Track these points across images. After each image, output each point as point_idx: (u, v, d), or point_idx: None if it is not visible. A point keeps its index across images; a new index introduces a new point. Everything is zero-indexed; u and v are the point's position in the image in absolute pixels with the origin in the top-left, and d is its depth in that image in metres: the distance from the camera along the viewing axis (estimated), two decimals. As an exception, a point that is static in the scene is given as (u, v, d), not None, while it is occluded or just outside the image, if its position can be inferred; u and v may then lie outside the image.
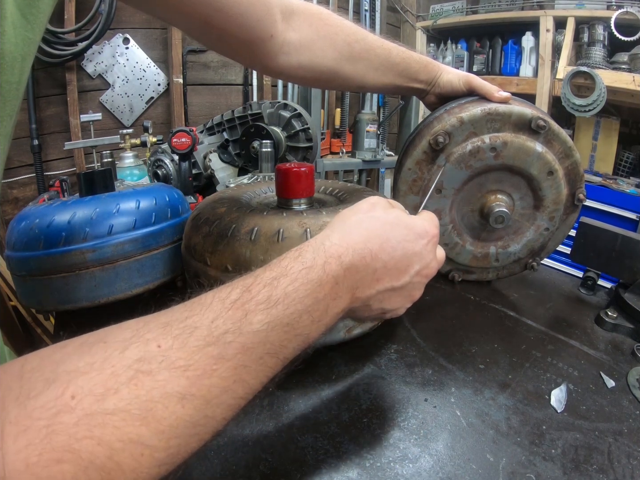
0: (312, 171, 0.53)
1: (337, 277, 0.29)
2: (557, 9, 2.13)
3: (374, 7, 2.26)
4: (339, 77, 0.58)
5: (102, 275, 0.54)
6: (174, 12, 0.43)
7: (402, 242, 0.33)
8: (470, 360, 0.52)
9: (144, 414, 0.21)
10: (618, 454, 0.39)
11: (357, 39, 0.56)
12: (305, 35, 0.53)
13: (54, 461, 0.19)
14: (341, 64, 0.56)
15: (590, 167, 2.14)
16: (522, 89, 2.26)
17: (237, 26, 0.45)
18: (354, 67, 0.57)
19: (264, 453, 0.38)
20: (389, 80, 0.60)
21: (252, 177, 0.94)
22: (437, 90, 0.64)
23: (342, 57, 0.56)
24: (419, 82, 0.63)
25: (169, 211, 0.61)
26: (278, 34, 0.50)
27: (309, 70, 0.55)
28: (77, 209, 0.54)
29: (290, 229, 0.45)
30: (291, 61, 0.53)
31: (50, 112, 1.66)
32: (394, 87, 0.62)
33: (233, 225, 0.47)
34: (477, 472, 0.36)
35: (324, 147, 2.22)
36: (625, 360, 0.53)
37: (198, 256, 0.49)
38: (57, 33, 1.53)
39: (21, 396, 0.20)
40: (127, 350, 0.22)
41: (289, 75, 0.56)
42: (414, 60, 0.61)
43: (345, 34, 0.56)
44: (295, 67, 0.54)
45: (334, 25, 0.55)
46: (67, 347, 0.23)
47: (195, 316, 0.25)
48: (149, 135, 1.42)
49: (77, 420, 0.20)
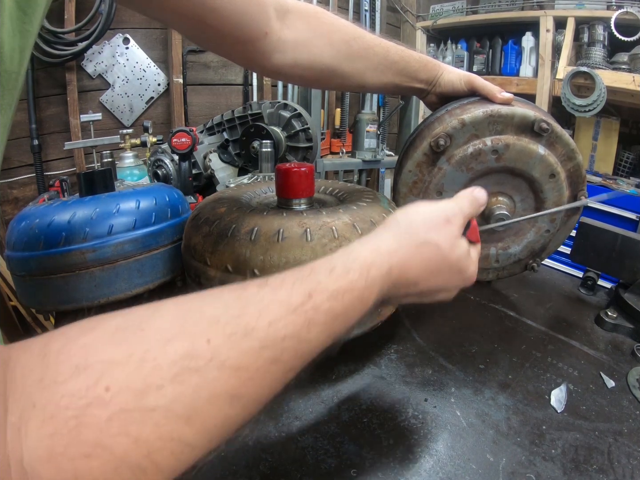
0: (312, 171, 0.53)
1: (384, 296, 0.32)
2: (557, 9, 2.13)
3: (374, 7, 2.26)
4: (338, 76, 0.57)
5: (102, 275, 0.54)
6: (169, 13, 0.43)
7: (446, 281, 0.36)
8: (470, 360, 0.52)
9: (189, 413, 0.20)
10: (618, 454, 0.39)
11: (355, 37, 0.56)
12: (301, 33, 0.52)
13: (82, 455, 0.18)
14: (339, 63, 0.55)
15: (590, 167, 2.14)
16: (522, 89, 2.25)
17: (232, 25, 0.45)
18: (352, 66, 0.56)
19: (264, 453, 0.38)
20: (389, 79, 0.59)
21: (252, 177, 0.94)
22: (438, 90, 0.63)
23: (339, 55, 0.55)
24: (419, 82, 0.62)
25: (169, 211, 0.61)
26: (273, 32, 0.49)
27: (306, 68, 0.54)
28: (77, 209, 0.54)
29: (290, 229, 0.45)
30: (287, 59, 0.52)
31: (50, 112, 1.66)
32: (393, 86, 0.61)
33: (233, 225, 0.47)
34: (477, 472, 0.36)
35: (324, 147, 2.22)
36: (625, 360, 0.53)
37: (198, 256, 0.49)
38: (57, 33, 1.52)
39: (46, 379, 0.19)
40: (170, 343, 0.21)
41: (287, 74, 0.55)
42: (414, 59, 0.60)
43: (342, 32, 0.55)
44: (292, 66, 0.53)
45: (331, 24, 0.55)
46: (95, 330, 0.22)
47: (248, 315, 0.24)
48: (149, 135, 1.42)
49: (111, 415, 0.19)
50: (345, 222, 0.46)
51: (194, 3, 0.41)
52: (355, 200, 0.54)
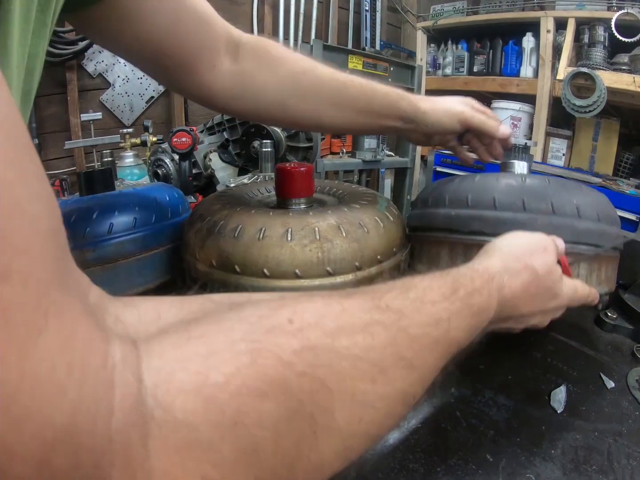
0: (311, 171, 0.53)
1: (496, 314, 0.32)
2: (558, 9, 2.13)
3: (374, 7, 2.27)
4: (289, 113, 0.52)
5: (102, 275, 0.54)
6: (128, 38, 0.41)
7: (542, 305, 0.37)
8: (470, 361, 0.52)
9: (375, 370, 0.18)
10: (618, 454, 0.39)
11: (305, 71, 0.51)
12: (247, 66, 0.49)
13: (255, 393, 0.14)
14: (287, 98, 0.50)
15: (590, 168, 2.13)
16: (522, 90, 2.26)
17: (183, 56, 0.44)
18: (303, 102, 0.51)
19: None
20: (351, 118, 0.53)
21: (252, 177, 0.94)
22: (425, 130, 0.56)
23: (286, 89, 0.50)
24: (391, 120, 0.54)
25: (169, 211, 0.61)
26: (221, 65, 0.47)
27: (252, 102, 0.50)
28: (77, 208, 0.54)
29: (272, 228, 0.45)
30: (234, 92, 0.49)
31: (51, 111, 1.66)
32: (360, 125, 0.54)
33: (221, 222, 0.48)
34: (477, 472, 0.36)
35: (324, 147, 2.22)
36: (625, 361, 0.53)
37: (190, 250, 0.51)
38: (58, 32, 1.52)
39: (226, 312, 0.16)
40: (361, 299, 0.21)
41: (235, 108, 0.52)
42: (380, 95, 0.53)
43: (290, 65, 0.50)
44: (238, 98, 0.50)
45: (279, 57, 0.50)
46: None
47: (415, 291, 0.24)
48: (149, 135, 1.42)
49: (300, 349, 0.16)
50: (330, 223, 0.46)
51: (157, 25, 0.41)
52: (351, 202, 0.53)
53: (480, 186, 0.50)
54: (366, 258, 0.46)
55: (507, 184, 0.49)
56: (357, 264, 0.45)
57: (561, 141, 2.21)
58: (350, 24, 2.43)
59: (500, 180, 0.50)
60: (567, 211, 0.47)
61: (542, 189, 0.49)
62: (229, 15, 0.55)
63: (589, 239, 0.47)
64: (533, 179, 0.50)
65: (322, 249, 0.44)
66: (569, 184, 0.52)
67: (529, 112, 2.28)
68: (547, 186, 0.49)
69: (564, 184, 0.51)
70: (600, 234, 0.48)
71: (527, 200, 0.48)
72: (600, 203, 0.50)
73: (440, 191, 0.54)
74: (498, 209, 0.48)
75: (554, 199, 0.47)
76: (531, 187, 0.49)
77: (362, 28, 2.42)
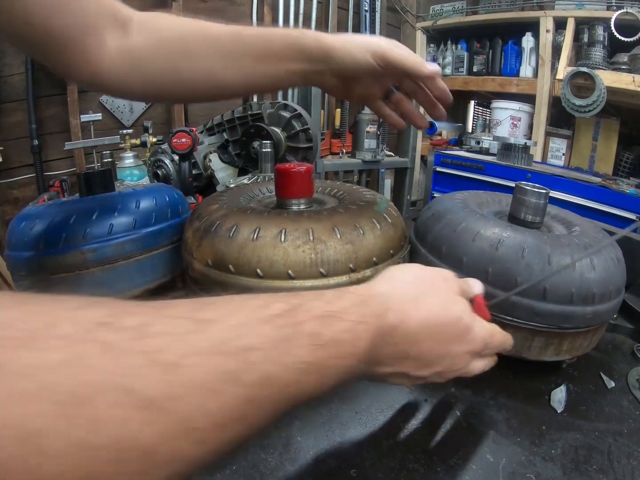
0: (311, 171, 0.53)
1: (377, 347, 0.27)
2: (557, 9, 2.14)
3: (374, 8, 2.27)
4: (184, 80, 0.47)
5: (102, 275, 0.54)
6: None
7: (447, 343, 0.31)
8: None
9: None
10: (618, 454, 0.39)
11: (193, 30, 0.47)
12: (137, 41, 0.45)
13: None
14: (179, 62, 0.46)
15: (590, 168, 2.13)
16: (522, 90, 2.26)
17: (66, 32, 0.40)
18: (196, 62, 0.46)
19: (264, 453, 0.38)
20: (250, 68, 0.47)
21: (252, 178, 0.94)
22: (338, 70, 0.48)
23: (175, 53, 0.46)
24: (297, 62, 0.47)
25: (169, 211, 0.61)
26: (108, 42, 0.44)
27: (141, 75, 0.46)
28: (77, 209, 0.54)
29: (267, 228, 0.45)
30: (123, 70, 0.45)
31: (51, 112, 1.66)
32: (261, 76, 0.48)
33: (218, 221, 0.48)
34: (477, 472, 0.36)
35: (324, 147, 2.22)
36: (625, 360, 0.53)
37: (188, 249, 0.51)
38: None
39: None
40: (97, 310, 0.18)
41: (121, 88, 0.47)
42: (278, 36, 0.47)
43: (178, 29, 0.47)
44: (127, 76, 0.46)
45: (167, 24, 0.47)
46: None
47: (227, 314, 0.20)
48: (149, 136, 1.42)
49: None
50: (325, 225, 0.46)
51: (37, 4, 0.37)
52: (349, 203, 0.53)
53: (456, 241, 0.50)
54: (361, 260, 0.46)
55: (480, 249, 0.47)
56: (351, 266, 0.45)
57: (561, 141, 2.21)
58: (350, 24, 2.44)
59: (475, 242, 0.48)
60: (531, 292, 0.44)
61: (514, 261, 0.45)
62: (229, 15, 0.54)
63: (547, 322, 0.45)
64: (509, 245, 0.46)
65: (316, 250, 0.44)
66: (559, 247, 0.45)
67: (528, 112, 2.28)
68: (519, 260, 0.44)
69: (547, 251, 0.45)
70: (564, 316, 0.44)
71: (492, 271, 0.45)
72: (586, 281, 0.44)
73: (427, 228, 0.55)
74: (464, 271, 0.47)
75: (522, 276, 0.44)
76: (501, 258, 0.45)
77: (362, 28, 2.42)
